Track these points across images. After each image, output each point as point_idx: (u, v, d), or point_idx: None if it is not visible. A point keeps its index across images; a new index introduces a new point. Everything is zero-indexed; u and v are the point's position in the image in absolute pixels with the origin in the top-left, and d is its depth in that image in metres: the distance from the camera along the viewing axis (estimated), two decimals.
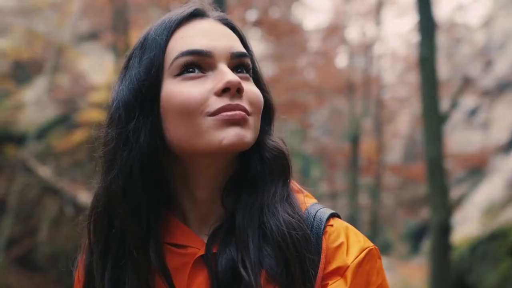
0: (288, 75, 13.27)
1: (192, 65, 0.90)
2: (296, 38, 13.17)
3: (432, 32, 6.56)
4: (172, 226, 0.94)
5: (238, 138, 0.86)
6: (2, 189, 9.43)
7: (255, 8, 12.31)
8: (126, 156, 0.89)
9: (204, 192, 0.94)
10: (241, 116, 0.87)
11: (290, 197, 0.94)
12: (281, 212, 0.89)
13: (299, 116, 14.26)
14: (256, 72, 0.98)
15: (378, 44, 14.49)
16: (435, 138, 6.40)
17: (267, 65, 15.77)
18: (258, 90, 0.94)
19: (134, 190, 0.89)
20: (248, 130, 0.88)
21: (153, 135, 0.89)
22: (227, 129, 0.86)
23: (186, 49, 0.90)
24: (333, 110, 16.25)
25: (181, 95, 0.87)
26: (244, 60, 0.94)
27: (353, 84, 13.34)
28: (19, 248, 9.19)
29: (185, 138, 0.88)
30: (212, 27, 0.94)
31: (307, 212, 0.94)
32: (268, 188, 0.92)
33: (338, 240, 0.91)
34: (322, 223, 0.92)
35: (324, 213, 0.94)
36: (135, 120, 0.89)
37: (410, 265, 15.25)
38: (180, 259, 0.92)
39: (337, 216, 0.96)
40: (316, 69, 14.23)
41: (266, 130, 0.97)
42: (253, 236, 0.88)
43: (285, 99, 12.85)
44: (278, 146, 0.96)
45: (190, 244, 0.92)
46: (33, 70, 11.59)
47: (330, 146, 15.82)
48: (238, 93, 0.88)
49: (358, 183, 13.37)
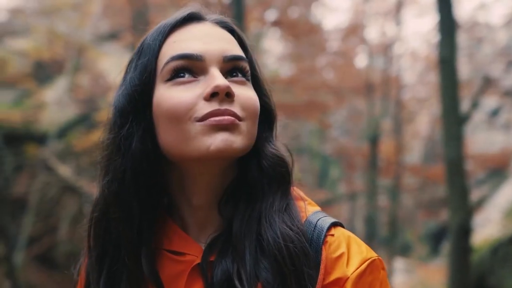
0: (307, 75, 13.22)
1: (183, 70, 0.88)
2: (315, 38, 13.12)
3: (453, 31, 6.49)
4: (171, 232, 0.93)
5: (225, 144, 0.84)
6: (23, 188, 9.56)
7: (275, 8, 12.29)
8: (119, 161, 0.89)
9: (201, 198, 0.92)
10: (229, 121, 0.85)
11: (289, 207, 0.91)
12: (278, 224, 0.87)
13: (318, 116, 14.20)
14: (257, 75, 0.96)
15: (398, 44, 14.38)
16: (455, 138, 6.33)
17: (286, 65, 15.75)
18: (253, 95, 0.91)
19: (127, 196, 0.89)
20: (238, 136, 0.86)
21: (145, 141, 0.88)
22: (215, 134, 0.84)
23: (177, 54, 0.89)
24: (352, 110, 16.17)
25: (171, 100, 0.86)
26: (239, 63, 0.91)
27: (372, 84, 13.25)
28: (40, 246, 9.31)
29: (175, 143, 0.87)
30: (207, 30, 0.93)
31: (308, 221, 0.91)
32: (267, 198, 0.90)
33: (339, 250, 0.88)
34: (323, 233, 0.89)
35: (325, 222, 0.91)
36: (128, 125, 0.89)
37: (429, 267, 15.11)
38: (177, 267, 0.90)
39: (340, 225, 0.94)
40: (335, 69, 14.17)
41: (266, 136, 0.95)
42: (250, 247, 0.86)
43: (304, 99, 12.82)
44: (278, 154, 0.93)
45: (188, 251, 0.90)
46: (54, 70, 11.73)
47: (349, 147, 15.73)
48: (228, 98, 0.86)
49: (377, 184, 13.28)
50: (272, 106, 0.98)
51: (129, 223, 0.89)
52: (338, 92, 13.29)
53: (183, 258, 0.90)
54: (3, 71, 11.52)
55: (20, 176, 9.89)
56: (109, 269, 0.92)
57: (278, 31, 13.25)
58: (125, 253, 0.90)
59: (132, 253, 0.90)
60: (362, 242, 0.92)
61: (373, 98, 13.26)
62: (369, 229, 13.13)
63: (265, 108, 0.95)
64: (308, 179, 18.18)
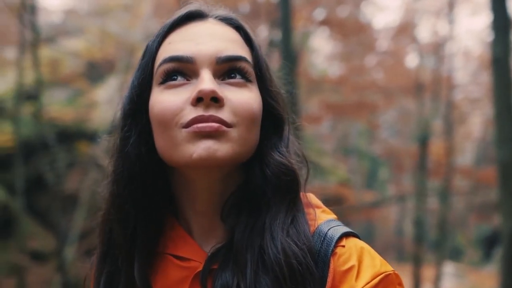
0: (356, 74, 13.08)
1: (175, 72, 0.84)
2: (365, 37, 12.97)
3: (507, 30, 6.30)
4: (177, 237, 0.90)
5: (208, 152, 0.79)
6: (75, 184, 9.83)
7: (323, 7, 12.21)
8: (118, 163, 0.88)
9: (203, 204, 0.88)
10: (212, 128, 0.79)
11: (296, 219, 0.85)
12: (281, 238, 0.81)
13: (367, 117, 14.04)
14: (263, 76, 0.89)
15: (450, 43, 14.04)
16: (508, 140, 6.14)
17: (335, 65, 15.63)
18: (249, 98, 0.85)
19: (121, 198, 0.87)
20: (226, 144, 0.80)
21: (138, 144, 0.86)
22: (198, 142, 0.80)
23: (168, 56, 0.85)
24: (401, 111, 15.90)
25: (160, 105, 0.83)
26: (236, 64, 0.85)
27: (422, 84, 12.99)
28: (90, 241, 9.53)
29: (165, 149, 0.84)
30: (205, 29, 0.87)
31: (318, 230, 0.86)
32: (271, 209, 0.84)
33: (349, 263, 0.82)
34: (332, 243, 0.83)
35: (336, 231, 0.85)
36: (127, 127, 0.87)
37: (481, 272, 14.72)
38: (180, 273, 0.87)
39: (353, 235, 0.87)
40: (384, 68, 13.97)
41: (273, 142, 0.88)
42: (251, 261, 0.81)
43: (352, 99, 12.69)
44: (283, 161, 0.86)
45: (192, 257, 0.87)
46: (105, 70, 12.01)
47: (398, 148, 15.48)
48: (215, 103, 0.81)
49: (426, 186, 13.01)
50: (280, 109, 0.90)
51: (123, 226, 0.88)
52: (387, 92, 13.09)
53: (187, 264, 0.87)
54: (57, 71, 11.87)
55: (72, 173, 10.18)
56: (109, 269, 0.91)
57: (327, 30, 13.15)
58: (120, 256, 0.89)
59: (126, 257, 0.88)
60: (377, 255, 0.85)
61: (423, 98, 13.00)
62: (418, 232, 12.87)
63: (270, 111, 0.89)
64: (356, 180, 18.01)
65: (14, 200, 10.40)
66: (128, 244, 0.88)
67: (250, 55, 0.89)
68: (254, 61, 0.89)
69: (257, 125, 0.86)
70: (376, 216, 16.38)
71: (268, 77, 0.90)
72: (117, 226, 0.89)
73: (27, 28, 10.62)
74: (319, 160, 14.73)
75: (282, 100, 0.92)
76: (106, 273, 0.91)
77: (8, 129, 11.32)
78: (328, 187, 13.21)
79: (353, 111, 13.11)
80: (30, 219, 10.49)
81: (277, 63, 10.49)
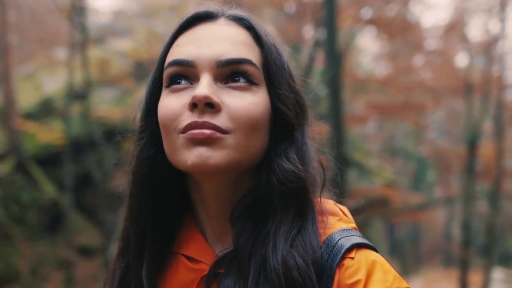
0: (403, 74, 12.89)
1: (179, 76, 0.83)
2: (412, 36, 12.75)
3: None
4: (190, 237, 0.89)
5: (200, 160, 0.78)
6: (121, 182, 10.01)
7: (370, 6, 12.07)
8: (133, 164, 0.89)
9: (214, 208, 0.86)
10: (204, 135, 0.77)
11: (303, 229, 0.81)
12: (282, 249, 0.78)
13: (414, 117, 13.80)
14: (271, 79, 0.85)
15: (502, 42, 13.65)
16: None
17: (381, 64, 15.42)
18: (250, 103, 0.81)
19: (134, 198, 0.88)
20: (220, 151, 0.78)
21: (149, 146, 0.86)
22: (192, 149, 0.78)
23: (172, 59, 0.83)
24: (450, 111, 15.58)
25: (163, 109, 0.83)
26: (239, 67, 0.82)
27: (471, 84, 12.68)
28: None
29: (168, 153, 0.83)
30: (210, 31, 0.85)
31: (329, 239, 0.81)
32: (276, 217, 0.81)
33: (355, 276, 0.77)
34: (340, 254, 0.78)
35: (348, 241, 0.80)
36: (141, 129, 0.88)
37: None
38: (190, 274, 0.86)
39: (368, 247, 0.81)
40: (432, 68, 13.70)
41: (282, 148, 0.84)
42: (254, 270, 0.79)
43: (399, 99, 12.50)
44: (289, 168, 0.82)
45: (202, 259, 0.86)
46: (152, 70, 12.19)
47: (446, 149, 15.17)
48: (211, 108, 0.78)
49: (475, 189, 12.69)
50: (289, 113, 0.85)
51: (135, 225, 0.89)
52: (435, 92, 12.85)
53: (197, 266, 0.86)
54: (106, 70, 12.12)
55: (119, 171, 10.37)
56: (125, 265, 0.92)
57: (374, 29, 12.99)
58: (131, 254, 0.90)
59: (136, 255, 0.89)
60: (391, 270, 0.80)
61: (472, 99, 12.69)
62: (466, 236, 12.56)
63: (278, 116, 0.85)
64: (402, 182, 17.73)
65: (64, 197, 10.69)
66: (138, 242, 0.89)
67: (259, 57, 0.85)
68: (263, 62, 0.85)
69: (259, 130, 0.82)
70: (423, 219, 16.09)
71: (278, 80, 0.85)
72: (130, 225, 0.90)
73: (76, 29, 10.88)
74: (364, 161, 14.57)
75: (293, 104, 0.86)
76: (122, 268, 0.92)
77: (58, 127, 11.64)
78: (374, 188, 13.04)
79: (399, 112, 12.93)
80: (78, 216, 10.76)
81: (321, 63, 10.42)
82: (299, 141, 0.86)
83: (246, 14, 0.89)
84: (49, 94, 12.36)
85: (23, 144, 10.71)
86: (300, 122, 0.87)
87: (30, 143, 10.99)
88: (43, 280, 9.55)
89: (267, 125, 0.84)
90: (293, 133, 0.85)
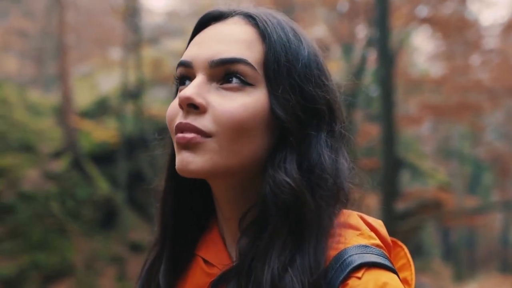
0: (459, 74, 12.57)
1: (184, 77, 0.82)
2: (469, 35, 12.41)
3: None
4: (210, 239, 0.88)
5: (182, 165, 0.76)
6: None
7: (425, 5, 11.82)
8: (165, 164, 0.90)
9: (226, 212, 0.84)
10: (185, 140, 0.76)
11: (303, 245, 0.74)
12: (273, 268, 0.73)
13: (470, 118, 13.45)
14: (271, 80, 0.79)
15: None
16: None
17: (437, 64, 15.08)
18: (238, 105, 0.76)
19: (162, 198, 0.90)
20: (201, 156, 0.76)
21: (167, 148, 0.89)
22: (179, 152, 0.78)
23: (179, 60, 0.83)
24: (509, 112, 15.08)
25: (167, 111, 0.82)
26: (232, 67, 0.78)
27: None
28: None
29: None
30: (215, 31, 0.82)
31: (341, 253, 0.74)
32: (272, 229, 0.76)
33: None
34: (345, 271, 0.71)
35: (360, 259, 0.72)
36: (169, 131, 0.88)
37: None
38: (204, 278, 0.84)
39: (383, 267, 0.72)
40: (490, 68, 13.31)
41: (279, 156, 0.78)
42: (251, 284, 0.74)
43: (454, 100, 12.20)
44: (280, 178, 0.76)
45: (217, 263, 0.83)
46: None
47: (504, 151, 14.70)
48: (195, 109, 0.76)
49: None
50: (286, 118, 0.78)
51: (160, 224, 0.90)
52: (493, 93, 12.46)
53: (211, 270, 0.84)
54: (159, 70, 12.33)
55: None
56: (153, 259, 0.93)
57: (429, 28, 12.71)
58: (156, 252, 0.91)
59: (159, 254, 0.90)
60: None
61: None
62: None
63: (275, 120, 0.79)
64: (457, 184, 17.29)
65: (117, 194, 10.93)
66: (161, 240, 0.90)
67: (261, 55, 0.80)
68: (264, 62, 0.80)
69: (247, 134, 0.77)
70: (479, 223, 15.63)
71: (278, 80, 0.79)
72: (157, 223, 0.92)
73: (131, 30, 11.11)
74: (418, 163, 14.29)
75: (295, 108, 0.79)
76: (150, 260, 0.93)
77: (112, 126, 11.92)
78: (427, 190, 12.77)
79: (454, 112, 12.61)
80: (131, 212, 10.98)
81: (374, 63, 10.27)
82: (303, 149, 0.79)
83: (259, 10, 0.85)
84: (105, 93, 12.69)
85: (79, 142, 11.02)
86: (304, 128, 0.80)
87: (86, 141, 11.30)
88: (96, 275, 9.79)
89: (263, 129, 0.79)
90: (293, 140, 0.79)
